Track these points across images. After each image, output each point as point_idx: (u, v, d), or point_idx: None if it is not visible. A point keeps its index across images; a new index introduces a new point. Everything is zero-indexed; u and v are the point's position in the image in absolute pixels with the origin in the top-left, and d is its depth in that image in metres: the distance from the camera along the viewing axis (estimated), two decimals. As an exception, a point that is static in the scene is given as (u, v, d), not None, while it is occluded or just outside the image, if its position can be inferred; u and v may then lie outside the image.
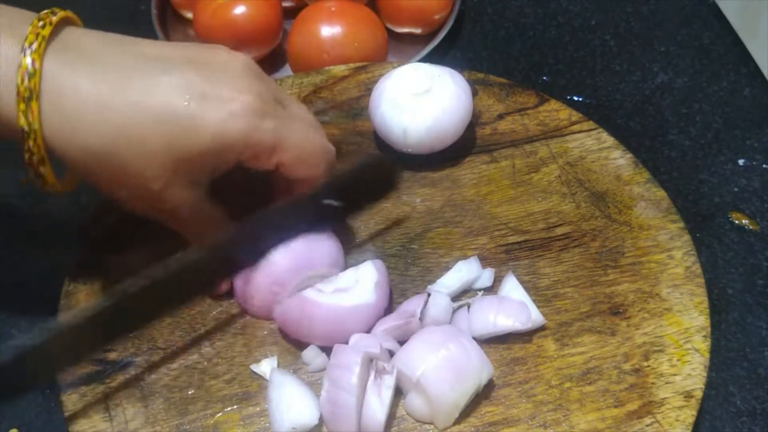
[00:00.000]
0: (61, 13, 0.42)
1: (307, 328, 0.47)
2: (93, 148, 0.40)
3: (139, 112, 0.40)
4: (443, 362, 0.44)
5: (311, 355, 0.48)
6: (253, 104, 0.42)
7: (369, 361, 0.45)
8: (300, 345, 0.49)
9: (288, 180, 0.47)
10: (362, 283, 0.48)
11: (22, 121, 0.39)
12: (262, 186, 0.50)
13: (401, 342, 0.47)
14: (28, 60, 0.39)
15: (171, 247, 0.48)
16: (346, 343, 0.46)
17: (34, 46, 0.39)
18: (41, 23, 0.40)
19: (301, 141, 0.45)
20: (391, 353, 0.46)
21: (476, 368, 0.44)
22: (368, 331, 0.48)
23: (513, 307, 0.48)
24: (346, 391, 0.43)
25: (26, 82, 0.39)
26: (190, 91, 0.41)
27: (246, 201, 0.48)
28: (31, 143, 0.40)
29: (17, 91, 0.39)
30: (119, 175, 0.42)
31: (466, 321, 0.48)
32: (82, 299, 0.51)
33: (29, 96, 0.39)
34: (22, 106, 0.39)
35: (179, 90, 0.41)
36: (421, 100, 0.54)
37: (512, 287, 0.50)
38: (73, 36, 0.42)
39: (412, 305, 0.48)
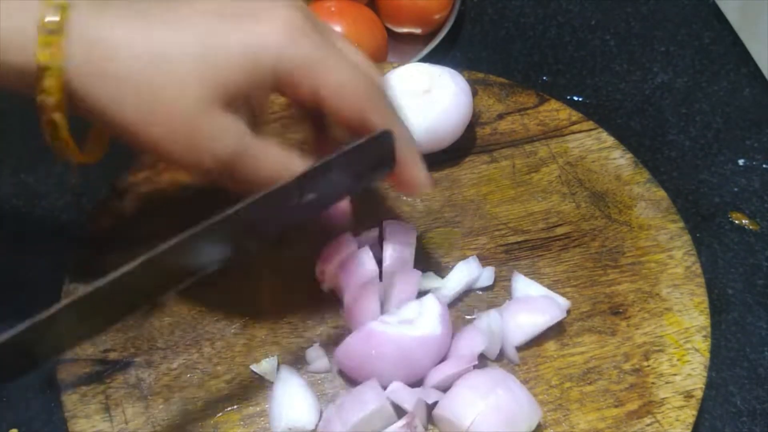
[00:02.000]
0: None
1: (374, 361, 0.45)
2: (121, 83, 0.38)
3: (169, 40, 0.38)
4: (493, 410, 0.42)
5: (314, 355, 0.48)
6: (291, 19, 0.39)
7: (395, 408, 0.44)
8: (301, 345, 0.49)
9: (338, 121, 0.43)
10: (426, 315, 0.46)
11: (43, 56, 0.36)
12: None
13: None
14: None
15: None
16: (417, 378, 0.45)
17: None
18: None
19: (344, 69, 0.40)
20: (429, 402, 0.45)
21: (526, 413, 0.43)
22: (437, 363, 0.46)
23: (540, 303, 0.48)
24: (342, 421, 0.43)
25: (51, 15, 0.36)
26: (222, 11, 0.39)
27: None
28: (49, 81, 0.37)
29: (40, 23, 0.36)
30: (152, 109, 0.39)
31: (475, 336, 0.47)
32: (82, 299, 0.51)
33: (55, 29, 0.36)
34: (45, 39, 0.36)
35: (210, 12, 0.39)
36: (421, 100, 0.54)
37: (526, 285, 0.50)
38: None
39: (467, 346, 0.46)
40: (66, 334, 0.39)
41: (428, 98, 0.54)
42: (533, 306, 0.48)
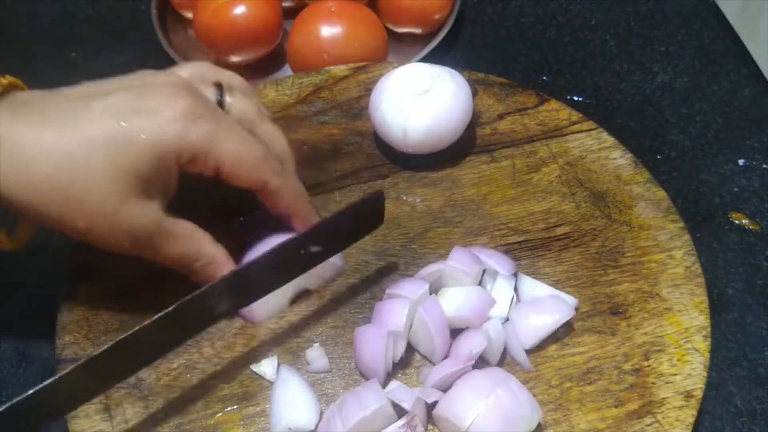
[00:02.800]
0: (10, 78, 0.44)
1: None
2: (40, 186, 0.42)
3: (77, 142, 0.42)
4: (493, 410, 0.42)
5: (314, 355, 0.48)
6: (183, 108, 0.44)
7: (395, 407, 0.44)
8: (301, 345, 0.49)
9: (242, 189, 0.47)
10: None
11: None
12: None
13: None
14: None
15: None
16: None
17: None
18: None
19: (237, 144, 0.45)
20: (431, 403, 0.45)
21: (526, 414, 0.43)
22: None
23: (549, 303, 0.48)
24: (342, 421, 0.43)
25: None
26: (122, 110, 0.43)
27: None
28: None
29: None
30: (71, 207, 0.43)
31: (475, 336, 0.46)
32: (82, 299, 0.51)
33: None
34: None
35: (111, 112, 0.43)
36: (421, 100, 0.54)
37: (532, 286, 0.50)
38: (19, 96, 0.44)
39: (466, 346, 0.46)
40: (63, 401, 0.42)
41: (428, 98, 0.54)
42: (542, 307, 0.48)
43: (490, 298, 0.48)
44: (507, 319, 0.48)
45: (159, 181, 0.44)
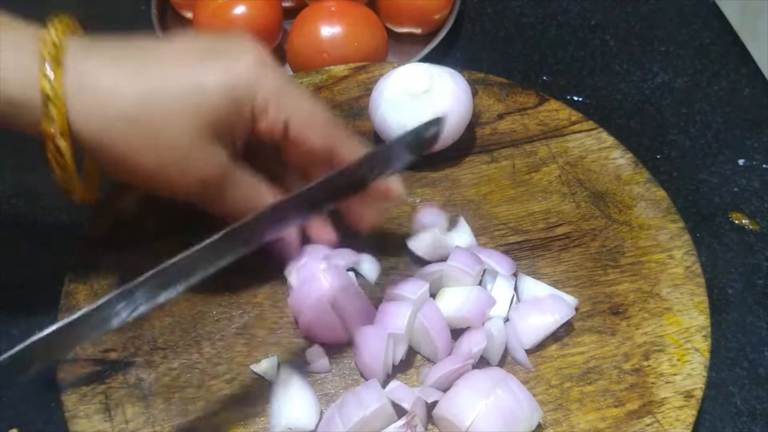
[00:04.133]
0: (68, 20, 0.44)
1: None
2: (115, 124, 0.42)
3: (154, 81, 0.42)
4: (493, 410, 0.42)
5: (314, 355, 0.48)
6: (259, 55, 0.44)
7: (395, 407, 0.44)
8: (301, 345, 0.49)
9: (300, 154, 0.47)
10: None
11: (45, 86, 0.40)
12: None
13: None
14: (53, 33, 0.41)
15: (171, 246, 0.48)
16: None
17: (57, 26, 0.42)
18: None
19: (309, 103, 0.46)
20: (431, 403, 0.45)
21: (526, 414, 0.43)
22: None
23: (549, 303, 0.48)
24: (342, 421, 0.43)
25: (49, 49, 0.40)
26: (199, 53, 0.44)
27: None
28: (52, 110, 0.40)
29: (41, 58, 0.40)
30: (144, 147, 0.42)
31: (476, 335, 0.46)
32: (82, 299, 0.51)
33: (54, 64, 0.40)
34: (46, 71, 0.40)
35: (187, 54, 0.44)
36: (421, 100, 0.54)
37: (532, 286, 0.50)
38: (82, 39, 0.44)
39: (467, 345, 0.46)
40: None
41: (428, 98, 0.54)
42: (542, 307, 0.48)
43: (490, 298, 0.48)
44: (507, 319, 0.48)
45: (232, 127, 0.44)
